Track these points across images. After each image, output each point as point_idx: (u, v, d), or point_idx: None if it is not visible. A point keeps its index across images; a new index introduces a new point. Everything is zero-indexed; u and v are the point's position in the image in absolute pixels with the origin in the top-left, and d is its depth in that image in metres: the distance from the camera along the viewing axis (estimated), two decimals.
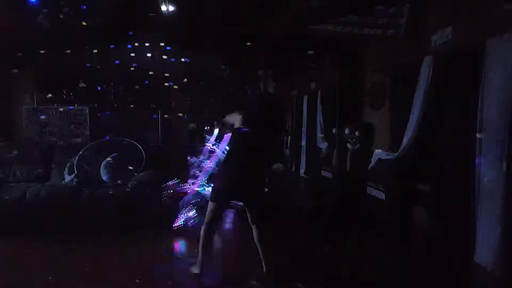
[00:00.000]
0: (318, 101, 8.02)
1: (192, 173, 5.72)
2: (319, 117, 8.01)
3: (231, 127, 3.13)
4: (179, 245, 4.00)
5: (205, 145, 5.82)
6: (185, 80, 5.92)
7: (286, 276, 3.20)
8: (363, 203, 5.36)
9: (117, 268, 3.38)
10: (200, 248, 3.08)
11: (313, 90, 8.29)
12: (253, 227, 3.15)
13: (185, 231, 4.31)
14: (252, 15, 5.05)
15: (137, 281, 3.05)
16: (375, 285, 3.20)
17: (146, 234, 4.17)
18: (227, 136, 3.15)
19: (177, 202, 4.97)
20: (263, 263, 3.17)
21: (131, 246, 3.91)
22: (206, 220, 3.09)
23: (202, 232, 3.08)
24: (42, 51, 5.49)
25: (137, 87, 5.76)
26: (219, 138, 3.31)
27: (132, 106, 5.79)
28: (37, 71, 5.59)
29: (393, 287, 3.20)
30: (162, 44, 5.75)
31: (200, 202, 5.00)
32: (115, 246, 3.92)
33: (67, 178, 4.84)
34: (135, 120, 5.81)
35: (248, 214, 3.16)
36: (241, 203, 3.28)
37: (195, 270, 3.11)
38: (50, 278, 3.14)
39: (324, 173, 7.70)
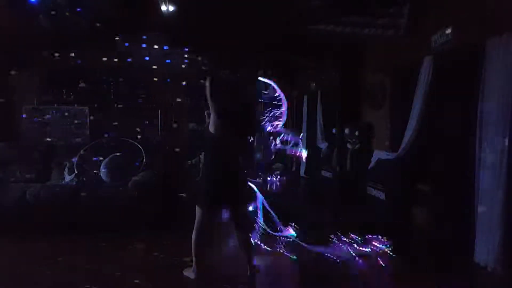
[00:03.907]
0: (318, 101, 8.03)
1: None
2: (319, 117, 8.01)
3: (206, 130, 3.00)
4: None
5: None
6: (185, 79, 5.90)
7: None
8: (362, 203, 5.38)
9: (117, 268, 3.38)
10: (193, 254, 3.06)
11: (313, 90, 8.28)
12: (236, 231, 3.14)
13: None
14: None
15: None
16: (375, 285, 3.20)
17: (146, 234, 4.18)
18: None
19: None
20: (247, 266, 3.14)
21: (130, 246, 3.92)
22: (195, 225, 3.01)
23: (193, 240, 3.02)
24: (42, 51, 5.49)
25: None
26: None
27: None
28: (38, 71, 5.59)
29: (393, 287, 3.20)
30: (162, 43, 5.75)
31: None
32: (115, 246, 3.92)
33: (67, 178, 4.84)
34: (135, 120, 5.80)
35: (231, 217, 3.14)
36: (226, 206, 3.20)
37: (191, 275, 3.10)
38: (49, 278, 3.14)
39: (324, 173, 7.70)
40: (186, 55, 5.86)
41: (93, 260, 3.55)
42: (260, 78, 3.62)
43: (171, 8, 4.63)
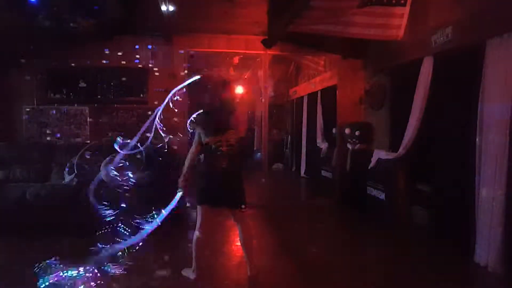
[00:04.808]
0: (318, 101, 8.03)
1: None
2: (319, 117, 8.01)
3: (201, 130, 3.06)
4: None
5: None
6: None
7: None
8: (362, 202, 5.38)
9: (116, 268, 3.38)
10: (194, 254, 3.06)
11: (313, 90, 8.29)
12: (238, 227, 3.13)
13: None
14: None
15: None
16: (375, 285, 3.20)
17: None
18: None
19: None
20: (247, 266, 3.13)
21: (130, 246, 3.91)
22: (197, 225, 3.04)
23: (193, 240, 3.04)
24: (41, 51, 5.48)
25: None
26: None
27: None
28: (37, 71, 5.58)
29: (393, 287, 3.20)
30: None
31: None
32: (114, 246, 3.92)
33: (67, 178, 4.84)
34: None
35: (233, 218, 3.13)
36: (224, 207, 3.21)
37: (191, 275, 3.10)
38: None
39: (324, 173, 7.70)
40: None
41: (92, 260, 3.54)
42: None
43: (171, 8, 4.63)
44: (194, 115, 3.12)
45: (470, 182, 3.52)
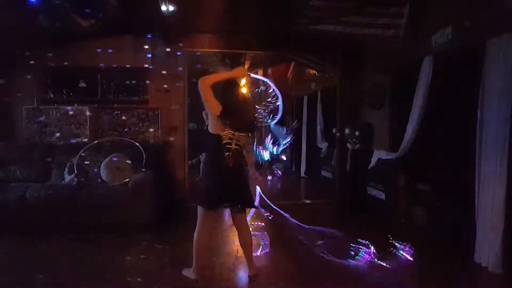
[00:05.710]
0: (318, 101, 8.04)
1: None
2: (319, 117, 8.02)
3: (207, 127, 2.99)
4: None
5: None
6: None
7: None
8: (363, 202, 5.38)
9: (116, 268, 3.39)
10: (194, 254, 3.04)
11: (313, 90, 8.29)
12: (237, 229, 3.12)
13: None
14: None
15: None
16: (375, 285, 3.20)
17: (146, 234, 4.18)
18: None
19: None
20: (247, 266, 3.12)
21: (130, 246, 3.92)
22: (197, 225, 3.01)
23: (194, 239, 3.01)
24: (41, 51, 5.48)
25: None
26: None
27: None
28: (37, 71, 5.58)
29: (393, 287, 3.20)
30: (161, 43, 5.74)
31: None
32: (114, 246, 3.93)
33: (67, 178, 4.84)
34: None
35: (232, 215, 3.10)
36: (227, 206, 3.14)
37: (191, 275, 3.09)
38: (50, 278, 3.14)
39: (324, 173, 7.70)
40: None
41: (92, 260, 3.55)
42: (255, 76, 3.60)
43: (171, 8, 4.63)
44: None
45: (470, 182, 3.53)
